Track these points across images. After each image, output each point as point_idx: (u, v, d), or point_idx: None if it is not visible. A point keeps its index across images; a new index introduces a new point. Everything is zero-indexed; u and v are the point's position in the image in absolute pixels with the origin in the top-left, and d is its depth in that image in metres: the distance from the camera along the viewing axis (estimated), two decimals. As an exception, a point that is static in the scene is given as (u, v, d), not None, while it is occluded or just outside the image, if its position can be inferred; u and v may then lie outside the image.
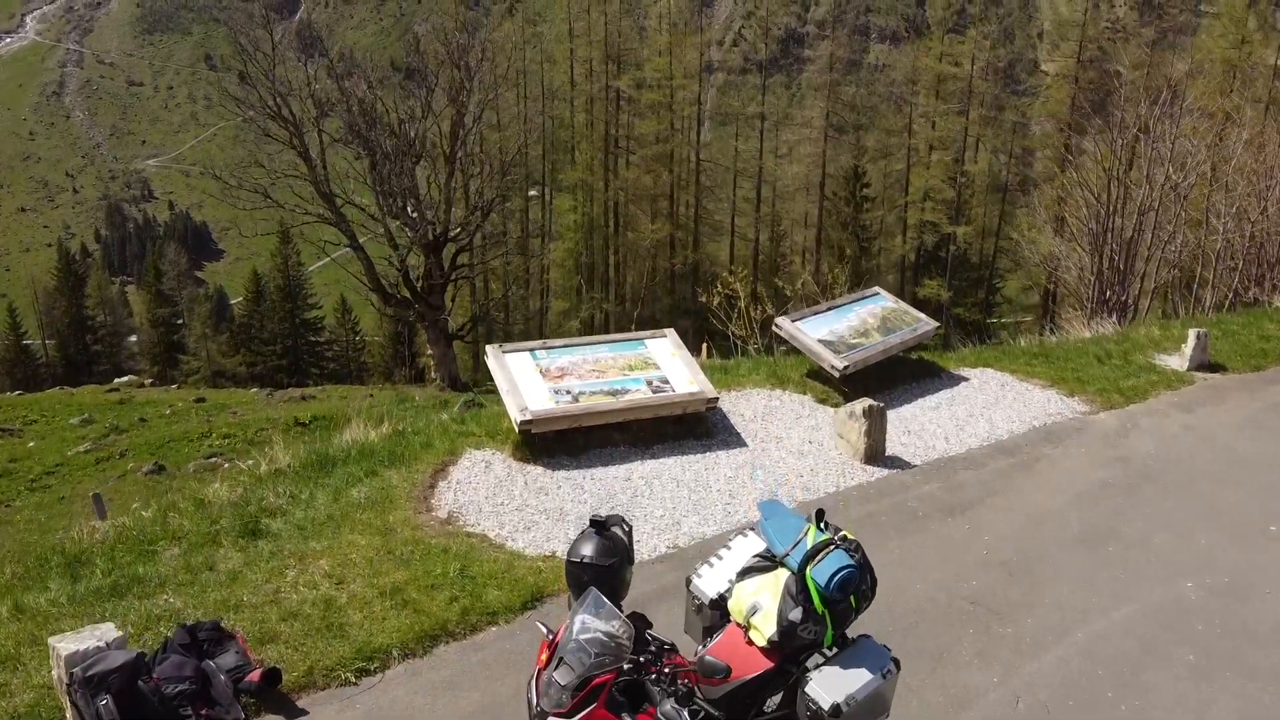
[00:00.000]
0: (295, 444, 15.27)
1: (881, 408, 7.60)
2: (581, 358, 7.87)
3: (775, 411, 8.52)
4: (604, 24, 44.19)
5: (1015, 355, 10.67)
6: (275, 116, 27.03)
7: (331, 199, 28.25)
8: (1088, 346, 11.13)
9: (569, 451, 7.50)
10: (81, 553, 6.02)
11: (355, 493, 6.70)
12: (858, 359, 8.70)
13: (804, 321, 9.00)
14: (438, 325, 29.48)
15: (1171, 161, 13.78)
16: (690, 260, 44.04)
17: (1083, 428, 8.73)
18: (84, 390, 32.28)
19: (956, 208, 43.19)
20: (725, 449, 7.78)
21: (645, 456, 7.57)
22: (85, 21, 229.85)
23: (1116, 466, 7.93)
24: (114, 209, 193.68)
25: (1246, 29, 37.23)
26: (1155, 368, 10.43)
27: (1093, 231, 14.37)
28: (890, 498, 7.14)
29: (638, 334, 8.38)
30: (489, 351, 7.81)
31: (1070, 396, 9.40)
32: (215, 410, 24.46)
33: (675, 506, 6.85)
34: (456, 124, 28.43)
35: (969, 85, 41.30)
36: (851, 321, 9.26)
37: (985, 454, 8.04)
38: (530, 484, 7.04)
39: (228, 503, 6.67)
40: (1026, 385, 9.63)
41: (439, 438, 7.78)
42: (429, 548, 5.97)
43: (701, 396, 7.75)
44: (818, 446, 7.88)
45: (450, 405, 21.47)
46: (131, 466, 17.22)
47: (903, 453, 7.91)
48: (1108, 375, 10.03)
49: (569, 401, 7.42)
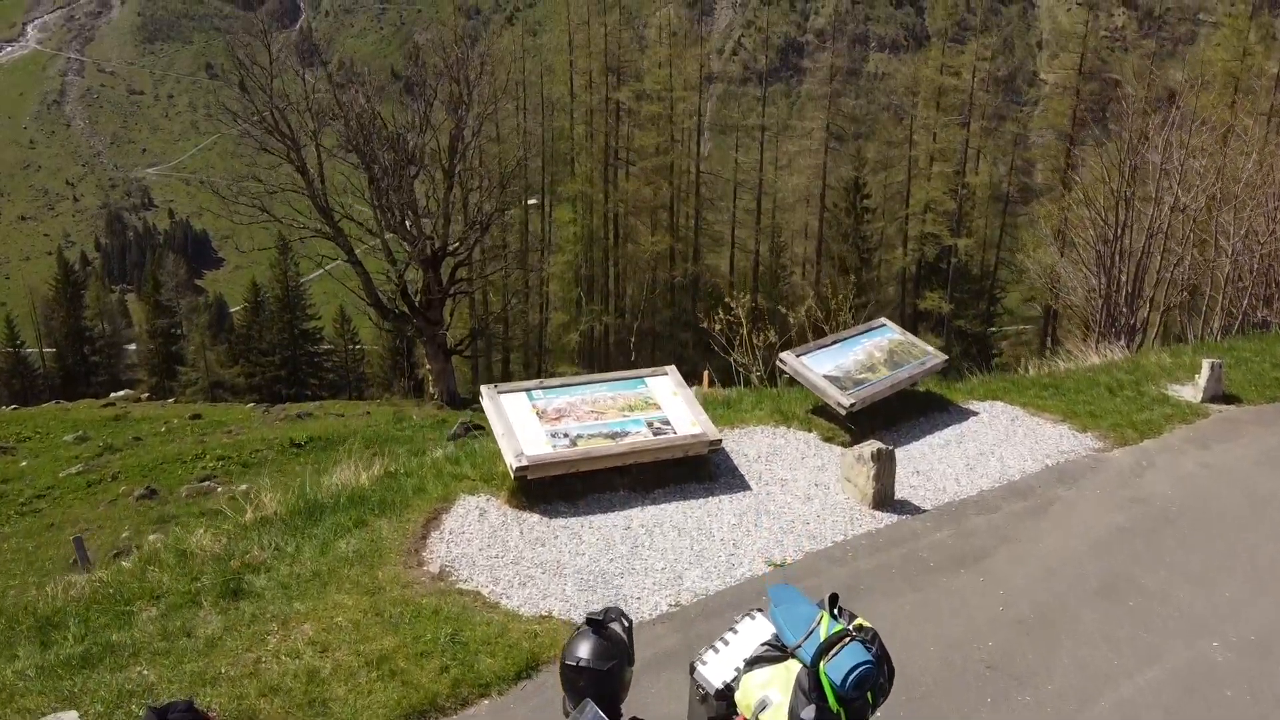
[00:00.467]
0: (286, 477, 14.99)
1: (890, 451, 7.34)
2: (580, 398, 7.61)
3: (780, 451, 8.26)
4: (604, 35, 44.10)
5: (1025, 386, 10.41)
6: (272, 130, 26.88)
7: (329, 213, 28.07)
8: (1098, 375, 10.88)
9: (566, 497, 7.23)
10: (55, 613, 5.75)
11: (343, 545, 6.43)
12: (865, 396, 8.44)
13: (809, 356, 8.74)
14: (436, 340, 29.27)
15: (1181, 183, 13.55)
16: (690, 273, 43.84)
17: (1097, 466, 8.46)
18: (79, 405, 31.98)
19: (958, 219, 43.02)
20: (728, 492, 7.51)
21: (645, 502, 7.31)
22: (86, 30, 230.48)
23: (1133, 509, 7.66)
24: (114, 217, 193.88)
25: (1248, 40, 37.11)
26: (1169, 399, 10.17)
27: (1100, 253, 14.14)
28: (900, 547, 6.87)
29: (638, 372, 8.12)
30: (484, 393, 7.55)
31: (1083, 432, 9.13)
32: (211, 428, 24.19)
33: (677, 558, 6.58)
34: (455, 137, 28.28)
35: (970, 97, 41.17)
36: (858, 355, 9.00)
37: (997, 496, 7.77)
38: (526, 534, 6.77)
39: (210, 556, 6.40)
40: (1038, 420, 9.37)
41: (432, 481, 7.51)
42: (419, 609, 5.69)
43: (704, 439, 7.48)
44: (824, 490, 7.61)
45: (448, 425, 21.23)
46: (123, 490, 16.94)
47: (912, 496, 7.64)
48: (1120, 408, 9.76)
49: (566, 445, 7.16)
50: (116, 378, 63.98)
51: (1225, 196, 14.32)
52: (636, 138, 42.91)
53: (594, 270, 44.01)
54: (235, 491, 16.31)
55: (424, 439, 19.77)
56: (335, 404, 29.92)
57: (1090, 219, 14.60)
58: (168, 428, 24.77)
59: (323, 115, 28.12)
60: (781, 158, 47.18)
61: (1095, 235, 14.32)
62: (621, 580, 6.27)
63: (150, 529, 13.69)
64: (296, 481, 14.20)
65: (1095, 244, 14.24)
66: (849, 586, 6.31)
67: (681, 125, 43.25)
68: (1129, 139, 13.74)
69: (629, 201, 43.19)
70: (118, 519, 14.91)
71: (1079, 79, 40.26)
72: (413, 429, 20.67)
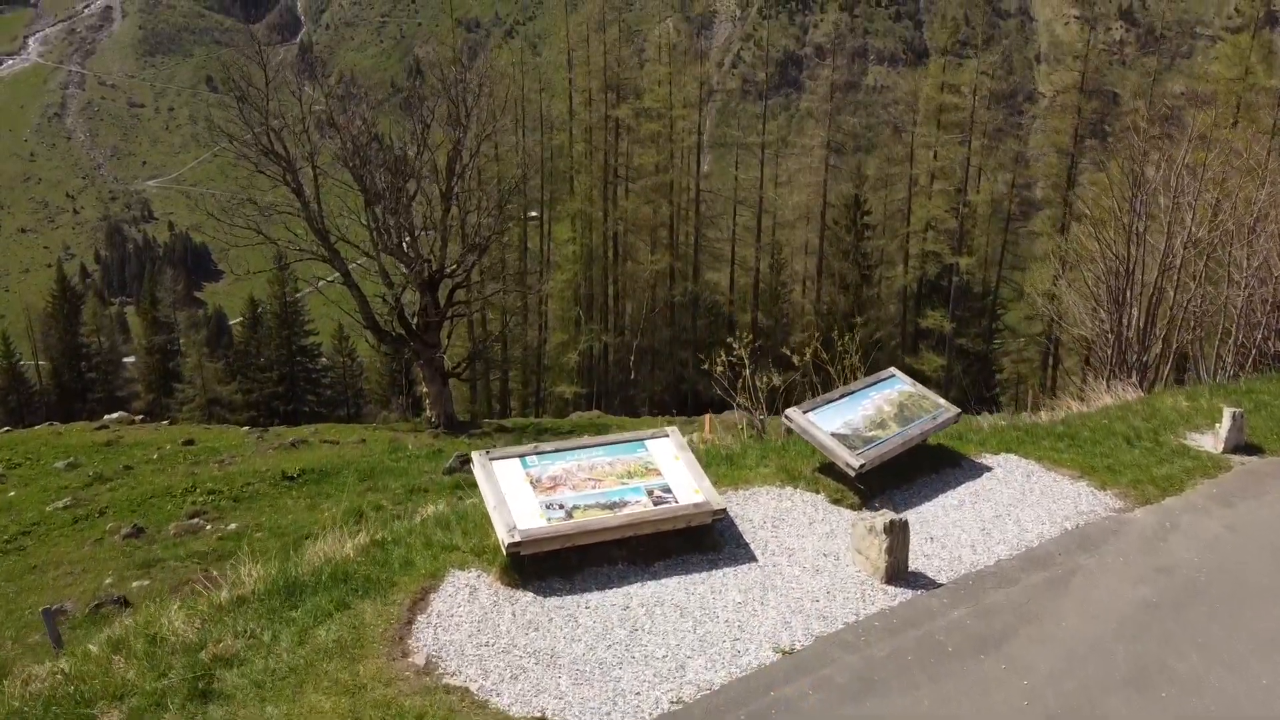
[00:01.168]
0: (276, 514, 14.56)
1: (904, 522, 6.95)
2: (576, 464, 7.23)
3: (786, 516, 7.87)
4: (603, 53, 43.97)
5: (1039, 436, 10.03)
6: (268, 152, 26.63)
7: (325, 235, 27.77)
8: (1114, 423, 10.50)
9: (562, 571, 6.84)
10: (10, 716, 5.34)
11: (323, 633, 6.03)
12: (874, 456, 8.06)
13: (816, 413, 8.37)
14: (433, 363, 28.90)
15: (1193, 217, 13.23)
16: (690, 291, 43.52)
17: (1118, 529, 8.08)
18: (72, 429, 31.55)
19: (959, 238, 42.75)
20: (733, 565, 7.12)
21: (645, 576, 6.92)
22: (87, 44, 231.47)
23: (1160, 581, 7.27)
24: (114, 229, 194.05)
25: (1250, 60, 36.93)
26: (1189, 451, 9.79)
27: (1111, 288, 13.79)
28: (916, 629, 6.47)
29: (638, 434, 7.74)
30: (475, 460, 7.17)
31: (1102, 490, 8.75)
32: (203, 455, 23.79)
33: (679, 643, 6.18)
34: (453, 158, 28.01)
35: (971, 115, 40.98)
36: (867, 410, 8.63)
37: (1016, 567, 7.38)
38: (519, 616, 6.37)
39: (181, 643, 6.00)
40: (1054, 476, 8.99)
41: (421, 552, 7.12)
42: (402, 711, 5.29)
43: (707, 508, 7.10)
44: (834, 561, 7.22)
45: (444, 455, 20.82)
46: (110, 527, 16.51)
47: (926, 567, 7.25)
48: (1140, 461, 9.38)
49: (562, 518, 6.77)
50: (113, 394, 63.59)
51: (1238, 229, 13.99)
52: (636, 156, 42.70)
53: (593, 289, 43.71)
54: (224, 531, 15.94)
55: (419, 472, 19.39)
56: (330, 428, 29.50)
57: (1099, 253, 14.27)
58: (159, 455, 24.36)
59: (323, 127, 27.87)
60: (782, 175, 46.99)
61: (1105, 269, 13.98)
62: (620, 671, 5.87)
63: (134, 574, 13.28)
64: (278, 548, 13.79)
65: (1105, 278, 13.90)
66: (863, 678, 5.92)
67: (681, 143, 43.04)
68: (1138, 173, 13.43)
69: (629, 219, 42.94)
70: (102, 561, 14.49)
71: (1080, 97, 40.08)
72: (408, 460, 20.26)
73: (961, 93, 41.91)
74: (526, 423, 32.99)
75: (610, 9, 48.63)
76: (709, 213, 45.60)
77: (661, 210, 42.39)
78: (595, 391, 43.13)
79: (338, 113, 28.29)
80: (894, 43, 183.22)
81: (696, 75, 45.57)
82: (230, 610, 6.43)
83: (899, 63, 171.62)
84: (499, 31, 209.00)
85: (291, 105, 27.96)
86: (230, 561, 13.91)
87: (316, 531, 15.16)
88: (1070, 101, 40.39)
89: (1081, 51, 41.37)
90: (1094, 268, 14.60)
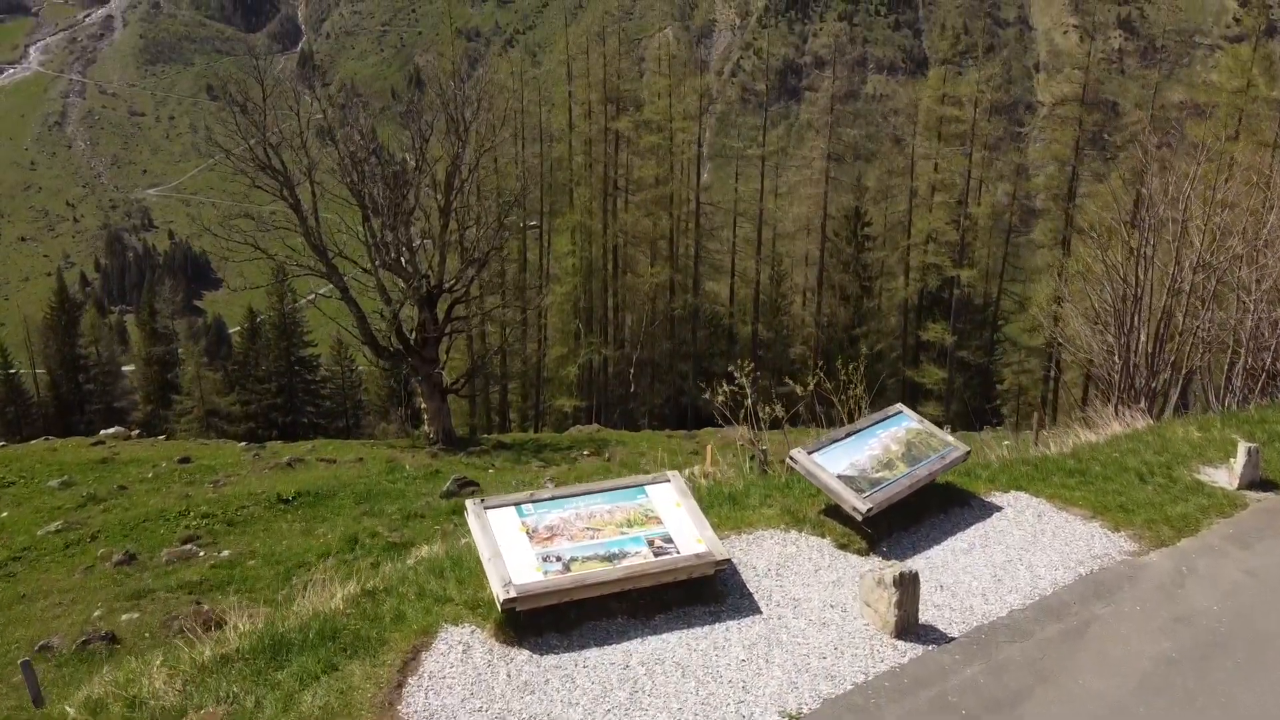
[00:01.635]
0: (271, 539, 14.27)
1: (914, 575, 6.70)
2: (574, 512, 6.98)
3: (791, 562, 7.62)
4: (602, 65, 43.89)
5: (1049, 472, 9.78)
6: (265, 167, 26.49)
7: (323, 251, 27.59)
8: (1126, 457, 10.25)
9: (559, 626, 6.59)
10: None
11: (309, 698, 5.77)
12: (881, 499, 7.82)
13: (821, 453, 8.13)
14: (431, 379, 28.68)
15: (1203, 240, 13.02)
16: (690, 304, 43.32)
17: (1134, 575, 7.83)
18: (68, 445, 31.30)
19: (960, 250, 42.58)
20: (736, 617, 6.87)
21: (645, 630, 6.66)
22: (88, 53, 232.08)
23: (1180, 632, 7.02)
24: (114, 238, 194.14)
25: (1251, 72, 36.82)
26: (1203, 487, 9.54)
27: (1119, 312, 13.57)
28: (928, 689, 6.22)
29: (638, 479, 7.50)
30: (469, 508, 6.92)
31: (1115, 531, 8.50)
32: (198, 475, 23.53)
33: (681, 707, 5.92)
34: (451, 173, 27.85)
35: (972, 127, 40.87)
36: (874, 450, 8.39)
37: (1029, 617, 7.12)
38: (514, 677, 6.11)
39: (160, 709, 5.74)
40: (1066, 516, 8.74)
41: (413, 604, 6.87)
42: (390, 789, 5.04)
43: (709, 559, 6.85)
44: (841, 613, 6.97)
45: (442, 476, 20.56)
46: (102, 553, 16.24)
47: (937, 619, 7.00)
48: (1153, 499, 9.14)
49: (559, 571, 6.53)
50: (111, 405, 63.32)
51: (1249, 252, 13.78)
52: (636, 168, 42.57)
53: (593, 302, 43.51)
54: (217, 558, 15.67)
55: (417, 494, 19.12)
56: (328, 444, 29.23)
57: (1105, 275, 14.04)
58: (154, 473, 24.11)
59: (322, 136, 27.72)
60: (782, 186, 46.88)
61: (1111, 292, 13.76)
62: (619, 738, 5.62)
63: (124, 606, 13.01)
64: (271, 578, 13.49)
65: (1113, 302, 13.68)
66: (873, 746, 5.66)
67: (681, 155, 42.92)
68: (1145, 196, 13.23)
69: (628, 232, 42.78)
70: (92, 590, 14.21)
71: (1081, 109, 39.97)
72: (405, 481, 20.01)
73: (962, 104, 41.82)
74: (525, 438, 32.74)
75: (609, 18, 48.63)
76: (709, 225, 45.45)
77: (661, 223, 42.24)
78: (595, 405, 42.89)
79: (337, 123, 28.17)
80: (893, 51, 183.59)
81: (696, 87, 45.48)
82: (214, 670, 6.17)
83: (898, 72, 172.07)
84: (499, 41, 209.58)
85: (289, 119, 27.84)
86: (221, 593, 13.68)
87: (311, 560, 14.93)
88: (1071, 113, 40.28)
89: (1082, 63, 41.26)
90: (1099, 289, 14.38)
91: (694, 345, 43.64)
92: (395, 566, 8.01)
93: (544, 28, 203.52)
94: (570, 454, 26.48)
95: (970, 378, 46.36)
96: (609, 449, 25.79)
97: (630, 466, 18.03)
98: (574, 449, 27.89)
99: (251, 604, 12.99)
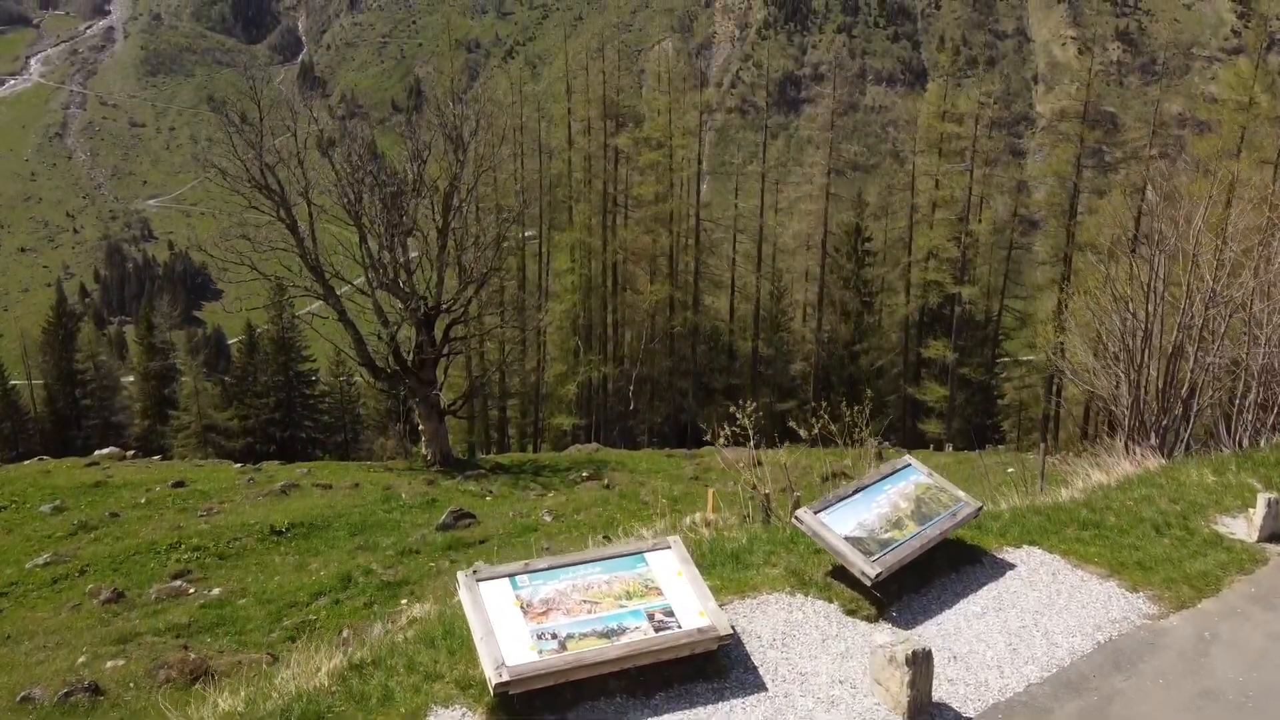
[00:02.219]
0: (264, 574, 13.89)
1: (927, 652, 6.39)
2: (570, 583, 6.67)
3: (797, 630, 7.30)
4: (602, 81, 43.79)
5: (1062, 523, 9.47)
6: (261, 188, 26.29)
7: (320, 272, 27.37)
8: (1140, 505, 9.95)
9: (553, 706, 6.26)
10: None
11: (289, 797, 5.45)
12: (891, 562, 7.51)
13: (828, 513, 7.83)
14: (429, 401, 28.41)
15: (1215, 275, 12.75)
16: (690, 322, 43.07)
17: (1155, 642, 7.51)
18: (61, 466, 30.99)
19: (961, 267, 42.38)
20: (741, 695, 6.54)
21: (645, 711, 6.34)
22: (89, 64, 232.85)
23: (1206, 710, 6.70)
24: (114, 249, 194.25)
25: (1254, 90, 36.69)
26: (1221, 540, 9.23)
27: (1128, 349, 13.28)
28: (943, 779, 5.90)
29: (637, 546, 7.19)
30: (460, 582, 6.62)
31: (1134, 591, 8.18)
32: (191, 501, 23.23)
33: (683, 801, 5.61)
34: (449, 194, 27.64)
35: (973, 144, 40.73)
36: (882, 508, 8.08)
37: (1047, 693, 6.80)
38: (506, 768, 5.79)
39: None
40: (1082, 574, 8.42)
41: (402, 679, 6.54)
42: None
43: (713, 634, 6.54)
44: (851, 690, 6.65)
45: (438, 506, 20.22)
46: (90, 589, 15.91)
47: (950, 695, 6.68)
48: (1171, 555, 8.83)
49: (554, 650, 6.21)
50: (108, 420, 63.02)
51: (1260, 285, 13.51)
52: (635, 185, 42.42)
53: (592, 319, 43.26)
54: (207, 597, 15.33)
55: (413, 525, 18.78)
56: (324, 467, 28.92)
57: (1114, 308, 13.77)
58: (148, 499, 23.80)
59: (322, 146, 27.53)
60: (782, 202, 46.72)
61: (1120, 326, 13.48)
62: (617, 839, 5.29)
63: (109, 651, 12.66)
64: (261, 619, 13.10)
65: (1122, 337, 13.40)
66: (887, 847, 5.34)
67: (681, 172, 42.77)
68: (1157, 232, 12.97)
69: (628, 249, 42.58)
70: (79, 632, 13.86)
71: (1082, 126, 39.83)
72: (401, 511, 19.68)
73: (962, 121, 41.69)
74: (524, 459, 32.42)
75: (609, 31, 48.62)
76: (709, 241, 45.27)
77: (661, 240, 42.05)
78: (594, 422, 42.58)
79: (338, 133, 27.96)
80: (892, 63, 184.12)
81: (696, 103, 45.39)
82: (189, 761, 5.85)
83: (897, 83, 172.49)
84: (499, 51, 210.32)
85: (286, 135, 27.68)
86: (210, 636, 13.34)
87: (303, 599, 14.59)
88: (1072, 129, 40.15)
89: (1084, 79, 41.13)
90: (1108, 322, 14.10)
91: (694, 362, 43.37)
92: (384, 633, 7.69)
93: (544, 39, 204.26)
94: (569, 476, 26.17)
95: (971, 394, 46.07)
96: (607, 474, 25.46)
97: (630, 498, 17.71)
98: (573, 470, 27.57)
99: (241, 649, 12.68)
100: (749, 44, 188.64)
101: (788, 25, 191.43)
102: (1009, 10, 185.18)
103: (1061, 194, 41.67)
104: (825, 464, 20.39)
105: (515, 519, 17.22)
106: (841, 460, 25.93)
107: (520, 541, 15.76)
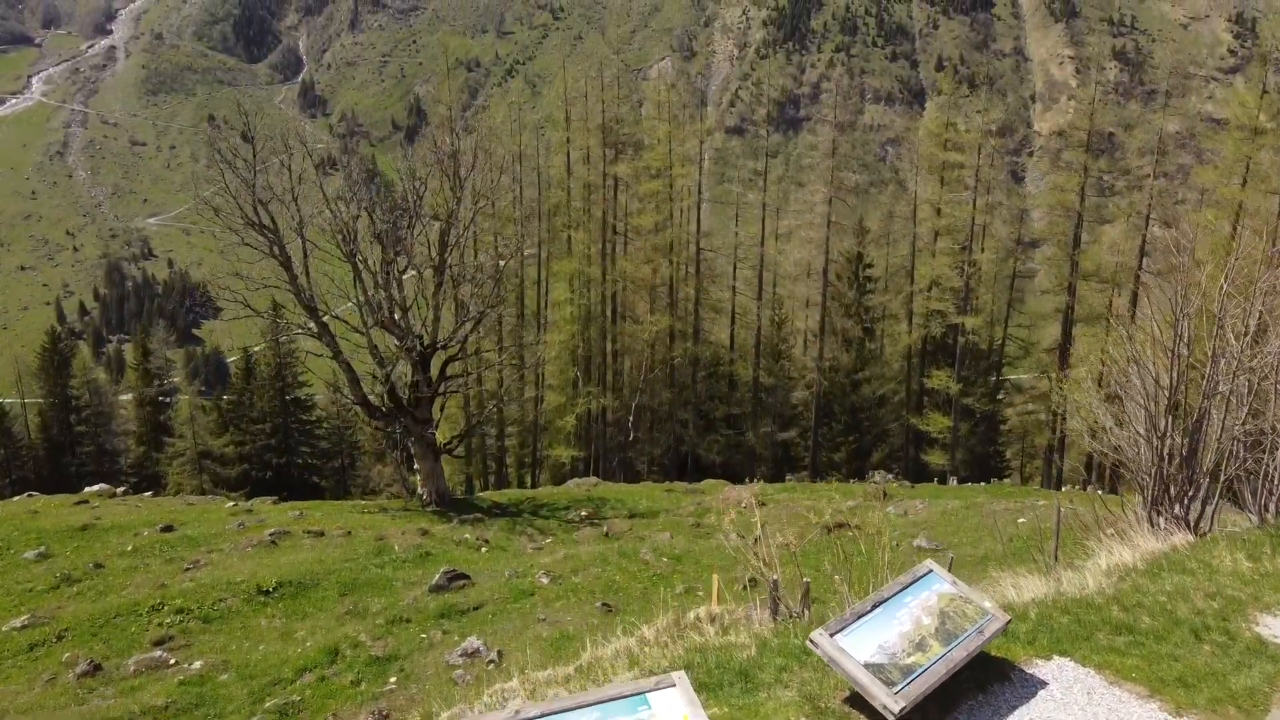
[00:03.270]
0: (249, 640, 13.23)
1: (961, 818, 5.77)
2: (566, 733, 6.05)
3: (814, 773, 6.69)
4: (601, 109, 43.50)
5: (1093, 626, 8.86)
6: (254, 224, 25.92)
7: (314, 310, 26.92)
8: (1174, 603, 9.33)
9: None
10: None
11: None
12: (916, 694, 6.90)
13: (845, 635, 7.22)
14: (425, 440, 27.89)
15: (1242, 339, 12.21)
16: (691, 352, 42.54)
17: (1203, 782, 6.89)
18: (50, 505, 30.38)
19: (964, 296, 41.92)
20: None
21: None
22: (90, 83, 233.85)
23: None
24: (113, 267, 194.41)
25: (1258, 119, 36.36)
26: (1266, 647, 8.61)
27: (1150, 414, 12.72)
28: None
29: (639, 685, 6.57)
30: (444, 736, 6.00)
31: (1177, 717, 7.56)
32: (179, 549, 22.61)
33: None
34: (445, 230, 27.25)
35: (976, 173, 40.38)
36: (904, 625, 7.47)
37: None
38: None
39: None
40: (1119, 694, 7.80)
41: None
42: None
43: (722, 794, 5.92)
44: None
45: (432, 561, 19.59)
46: (67, 658, 15.26)
47: None
48: (1214, 667, 8.20)
49: (547, 818, 5.59)
50: (102, 447, 62.53)
51: None
52: (635, 215, 42.05)
53: (591, 349, 42.75)
54: (187, 672, 14.66)
55: (405, 585, 18.14)
56: (316, 508, 28.29)
57: (1137, 374, 13.21)
58: (134, 545, 23.20)
59: (324, 165, 27.13)
60: (782, 229, 46.34)
61: (1145, 393, 12.92)
62: None
63: (81, 740, 12.00)
64: (242, 699, 12.40)
65: (1145, 403, 12.84)
66: None
67: (680, 202, 42.41)
68: (1184, 293, 12.44)
69: (627, 278, 42.14)
70: (51, 712, 13.21)
71: (1086, 155, 39.49)
72: (393, 566, 19.02)
73: (964, 150, 41.37)
74: (521, 496, 31.81)
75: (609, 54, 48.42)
76: (709, 270, 44.85)
77: (661, 269, 41.62)
78: (593, 454, 41.96)
79: (338, 152, 27.55)
80: (890, 82, 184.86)
81: (696, 132, 45.10)
82: None
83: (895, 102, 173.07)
84: (500, 71, 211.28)
85: (280, 172, 27.30)
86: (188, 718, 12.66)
87: (288, 675, 13.93)
88: (1076, 159, 39.81)
89: (1086, 108, 40.86)
90: (1130, 388, 13.53)
91: (694, 393, 42.80)
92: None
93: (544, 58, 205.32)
94: (567, 516, 25.67)
95: (975, 424, 45.49)
96: (607, 517, 24.84)
97: (630, 556, 17.08)
98: (571, 509, 27.03)
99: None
100: (748, 63, 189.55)
101: (786, 44, 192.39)
102: (1006, 30, 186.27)
103: (1065, 223, 41.29)
104: (827, 507, 19.76)
105: (511, 580, 16.59)
106: (846, 500, 25.34)
107: (516, 609, 15.14)
